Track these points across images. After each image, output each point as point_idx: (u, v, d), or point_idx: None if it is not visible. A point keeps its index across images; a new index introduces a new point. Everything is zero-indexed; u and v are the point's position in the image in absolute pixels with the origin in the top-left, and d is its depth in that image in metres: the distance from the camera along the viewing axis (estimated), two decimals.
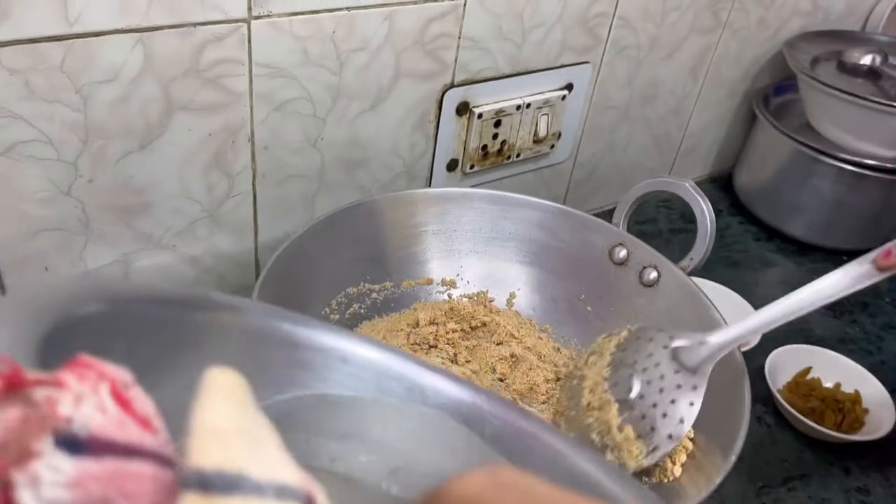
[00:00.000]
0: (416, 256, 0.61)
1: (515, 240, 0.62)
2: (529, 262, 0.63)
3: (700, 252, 0.56)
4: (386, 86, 0.64)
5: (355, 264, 0.59)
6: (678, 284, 0.56)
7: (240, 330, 0.26)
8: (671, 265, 0.56)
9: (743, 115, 1.01)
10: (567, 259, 0.61)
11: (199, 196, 0.60)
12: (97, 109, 0.52)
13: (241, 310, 0.26)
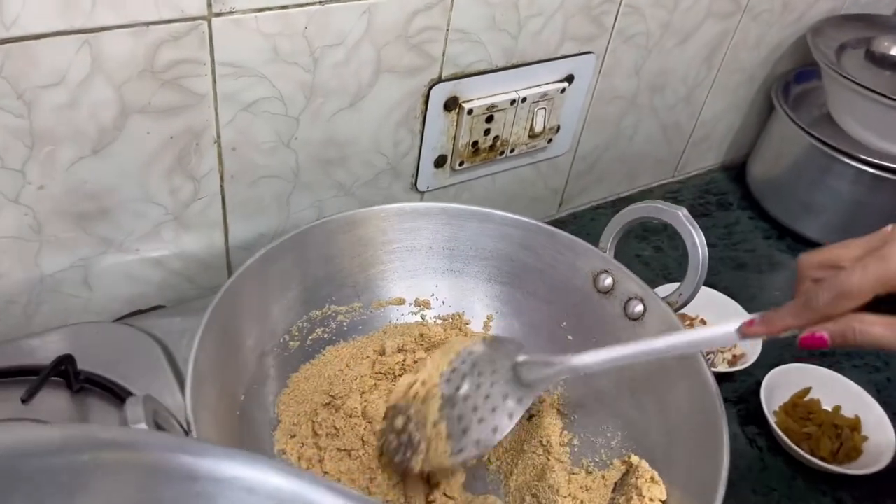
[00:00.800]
0: (388, 275, 0.58)
1: (496, 258, 0.58)
2: (509, 283, 0.59)
3: (690, 287, 0.52)
4: (366, 82, 0.60)
5: (321, 285, 0.55)
6: (665, 321, 0.52)
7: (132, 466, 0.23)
8: (658, 300, 0.52)
9: (760, 102, 0.95)
10: (550, 283, 0.57)
11: (161, 199, 0.57)
12: (43, 115, 0.48)
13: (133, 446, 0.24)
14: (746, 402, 0.69)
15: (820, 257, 0.45)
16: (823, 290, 0.42)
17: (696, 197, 0.94)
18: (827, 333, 0.43)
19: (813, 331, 0.43)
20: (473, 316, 0.60)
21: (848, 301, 0.42)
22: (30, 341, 0.55)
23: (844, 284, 0.41)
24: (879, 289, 0.41)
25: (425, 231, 0.57)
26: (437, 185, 0.71)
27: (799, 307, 0.44)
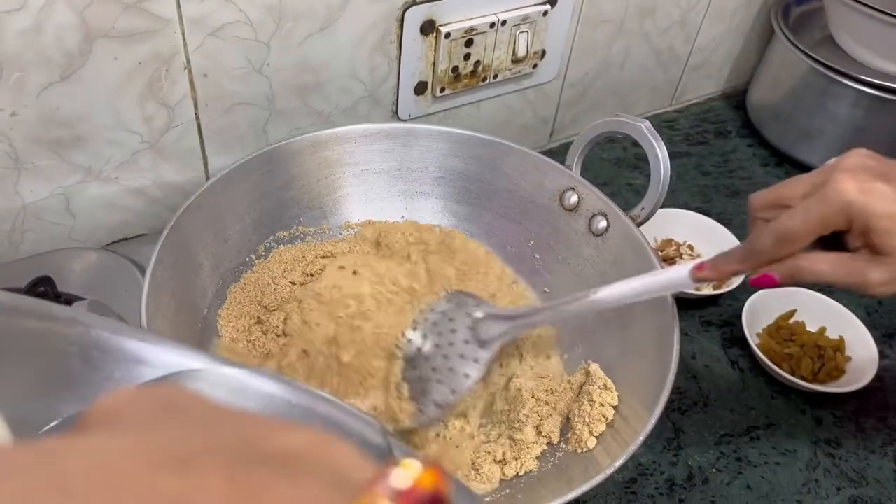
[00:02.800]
0: (356, 197, 0.58)
1: (464, 179, 0.58)
2: (478, 204, 0.59)
3: (652, 201, 0.52)
4: (336, 5, 0.59)
5: (287, 206, 0.56)
6: (626, 236, 0.52)
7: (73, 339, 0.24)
8: (621, 214, 0.52)
9: (761, 25, 0.92)
10: (517, 202, 0.57)
11: (136, 127, 0.57)
12: (8, 40, 0.49)
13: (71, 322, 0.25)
14: (732, 325, 0.69)
15: (768, 196, 0.45)
16: (766, 234, 0.43)
17: (694, 125, 0.93)
18: (776, 274, 0.43)
19: (763, 272, 0.43)
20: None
21: (790, 245, 0.42)
22: (14, 266, 0.57)
23: (785, 228, 0.41)
24: (820, 230, 0.41)
25: (393, 153, 0.57)
26: (420, 112, 0.71)
27: (745, 251, 0.44)
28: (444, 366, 0.49)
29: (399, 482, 0.14)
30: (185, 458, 0.15)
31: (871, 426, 0.62)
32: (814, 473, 0.59)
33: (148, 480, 0.14)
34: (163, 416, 0.17)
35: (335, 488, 0.14)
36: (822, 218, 0.40)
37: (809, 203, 0.41)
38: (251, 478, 0.14)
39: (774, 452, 0.60)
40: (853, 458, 0.60)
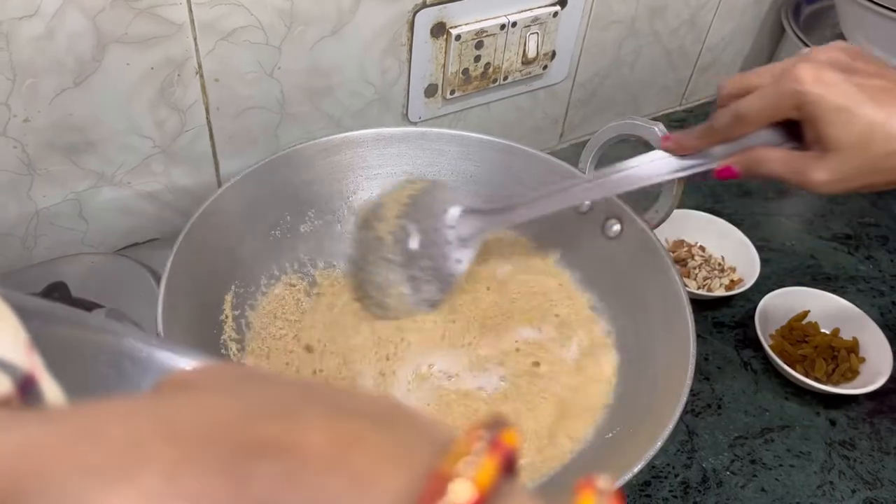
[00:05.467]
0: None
1: (476, 182, 0.58)
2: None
3: (667, 204, 0.51)
4: (347, 8, 0.59)
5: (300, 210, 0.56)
6: (641, 239, 0.51)
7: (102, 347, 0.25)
8: (635, 217, 0.52)
9: (770, 24, 0.92)
10: None
11: (148, 132, 0.57)
12: (21, 46, 0.49)
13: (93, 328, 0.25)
14: (744, 326, 0.69)
15: (737, 82, 0.46)
16: (724, 113, 0.45)
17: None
18: (735, 166, 0.45)
19: (724, 164, 0.45)
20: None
21: (744, 125, 0.44)
22: (29, 272, 0.57)
23: (741, 108, 0.43)
24: (773, 114, 0.42)
25: (405, 157, 0.57)
26: (430, 115, 0.71)
27: (705, 128, 0.46)
28: (431, 266, 0.51)
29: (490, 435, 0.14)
30: (283, 409, 0.15)
31: (885, 427, 0.62)
32: (828, 475, 0.58)
33: (251, 426, 0.15)
34: (244, 382, 0.17)
35: (429, 440, 0.15)
36: (774, 103, 0.41)
37: (768, 87, 0.42)
38: (351, 425, 0.15)
39: (789, 454, 0.60)
40: (868, 459, 0.60)
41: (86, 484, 0.13)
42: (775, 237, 0.78)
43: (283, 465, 0.14)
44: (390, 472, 0.14)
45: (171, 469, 0.14)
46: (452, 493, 0.13)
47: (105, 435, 0.14)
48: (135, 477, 0.14)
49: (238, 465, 0.14)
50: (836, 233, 0.80)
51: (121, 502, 0.13)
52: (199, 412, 0.15)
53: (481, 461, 0.14)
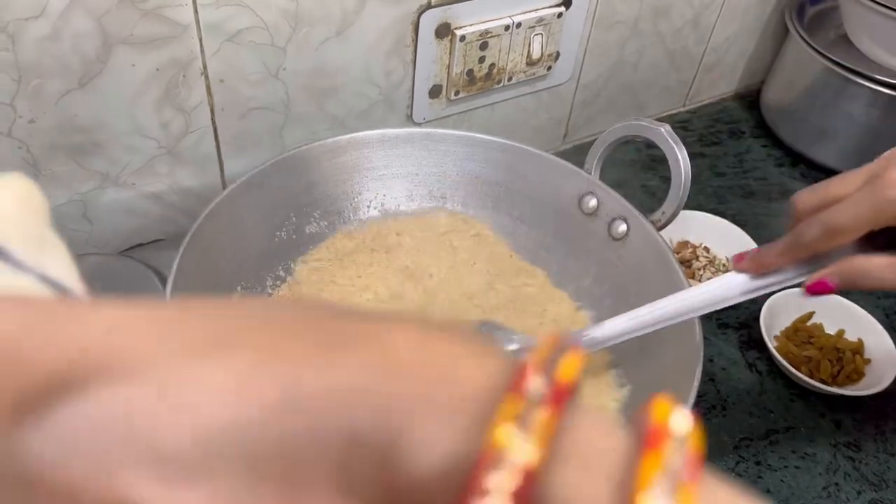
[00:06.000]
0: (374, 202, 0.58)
1: (482, 183, 0.58)
2: (496, 208, 0.59)
3: (673, 205, 0.51)
4: (351, 10, 0.59)
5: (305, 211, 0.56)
6: (647, 240, 0.51)
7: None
8: (642, 218, 0.52)
9: (774, 25, 0.92)
10: (536, 206, 0.57)
11: (153, 133, 0.57)
12: (27, 47, 0.49)
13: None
14: (749, 327, 0.69)
15: (816, 195, 0.42)
16: (812, 225, 0.40)
17: (707, 126, 0.92)
18: (831, 279, 0.41)
19: (817, 278, 0.41)
20: None
21: (838, 237, 0.39)
22: None
23: (833, 219, 0.39)
24: (872, 223, 0.39)
25: (410, 157, 0.57)
26: (434, 116, 0.71)
27: (789, 243, 0.42)
28: None
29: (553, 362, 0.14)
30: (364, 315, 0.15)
31: (891, 429, 0.62)
32: (834, 477, 0.58)
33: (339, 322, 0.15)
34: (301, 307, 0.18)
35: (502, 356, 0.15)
36: (873, 212, 0.38)
37: (862, 194, 0.38)
38: (437, 333, 0.15)
39: (794, 456, 0.60)
40: (873, 461, 0.60)
41: (178, 361, 0.14)
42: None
43: (373, 354, 0.14)
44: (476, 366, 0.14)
45: (262, 353, 0.14)
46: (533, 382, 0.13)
47: (195, 322, 0.15)
48: (227, 357, 0.14)
49: (328, 353, 0.14)
50: None
51: (213, 378, 0.13)
52: (284, 311, 0.15)
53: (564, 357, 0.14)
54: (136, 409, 0.13)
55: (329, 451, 0.13)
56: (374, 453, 0.13)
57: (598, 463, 0.13)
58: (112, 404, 0.13)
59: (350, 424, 0.13)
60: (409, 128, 0.68)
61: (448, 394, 0.14)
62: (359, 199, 0.58)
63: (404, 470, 0.13)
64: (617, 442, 0.14)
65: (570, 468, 0.13)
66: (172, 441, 0.13)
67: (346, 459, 0.13)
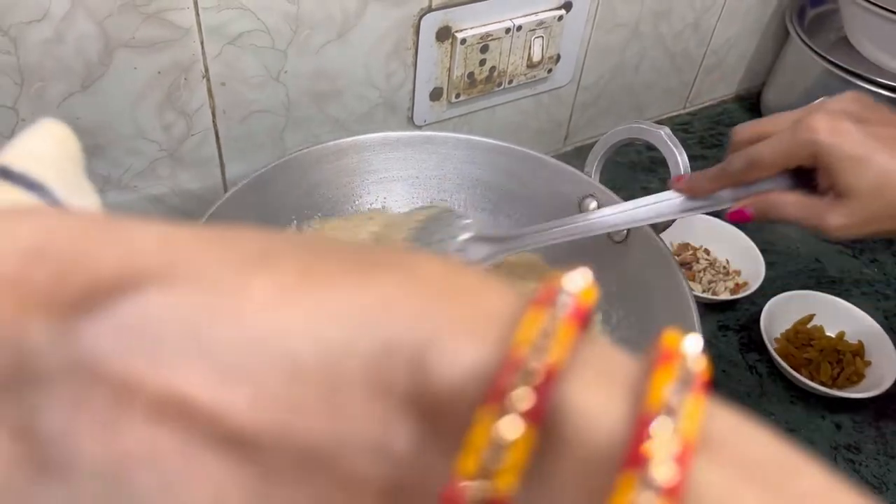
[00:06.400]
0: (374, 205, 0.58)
1: (482, 186, 0.58)
2: (496, 211, 0.59)
3: None
4: (352, 13, 0.59)
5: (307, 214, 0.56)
6: (647, 242, 0.51)
7: None
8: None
9: (775, 27, 0.92)
10: (536, 209, 0.57)
11: (155, 136, 0.58)
12: (30, 50, 0.49)
13: None
14: (749, 329, 0.69)
15: (751, 129, 0.47)
16: (738, 157, 0.45)
17: (707, 128, 0.92)
18: (748, 209, 0.46)
19: (737, 206, 0.46)
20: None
21: (758, 170, 0.44)
22: None
23: (755, 154, 0.44)
24: (787, 161, 0.44)
25: (411, 160, 0.57)
26: (434, 118, 0.71)
27: (718, 170, 0.47)
28: None
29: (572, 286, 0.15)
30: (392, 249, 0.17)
31: (891, 431, 0.62)
32: None
33: (371, 250, 0.16)
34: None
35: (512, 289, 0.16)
36: (789, 150, 0.43)
37: (783, 134, 0.43)
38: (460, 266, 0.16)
39: None
40: (873, 463, 0.60)
41: (228, 270, 0.15)
42: (780, 240, 0.78)
43: (404, 276, 0.15)
44: (499, 291, 0.15)
45: (303, 268, 0.15)
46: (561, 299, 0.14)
47: (241, 240, 0.15)
48: (271, 271, 0.15)
49: (364, 273, 0.15)
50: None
51: (261, 288, 0.14)
52: (322, 240, 0.17)
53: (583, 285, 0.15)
54: (191, 309, 0.14)
55: (365, 358, 0.14)
56: (406, 360, 0.14)
57: (614, 371, 0.14)
58: (169, 304, 0.14)
59: (384, 334, 0.14)
60: (410, 130, 0.68)
61: (475, 310, 0.14)
62: (360, 201, 0.58)
63: (433, 376, 0.14)
64: (631, 358, 0.15)
65: (588, 373, 0.14)
66: (224, 343, 0.14)
67: (380, 365, 0.14)
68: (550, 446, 0.13)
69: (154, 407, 0.14)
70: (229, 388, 0.14)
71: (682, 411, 0.13)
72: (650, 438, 0.13)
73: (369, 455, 0.14)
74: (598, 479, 0.13)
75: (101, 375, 0.14)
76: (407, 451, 0.14)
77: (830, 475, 0.14)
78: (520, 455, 0.13)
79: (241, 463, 0.14)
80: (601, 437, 0.13)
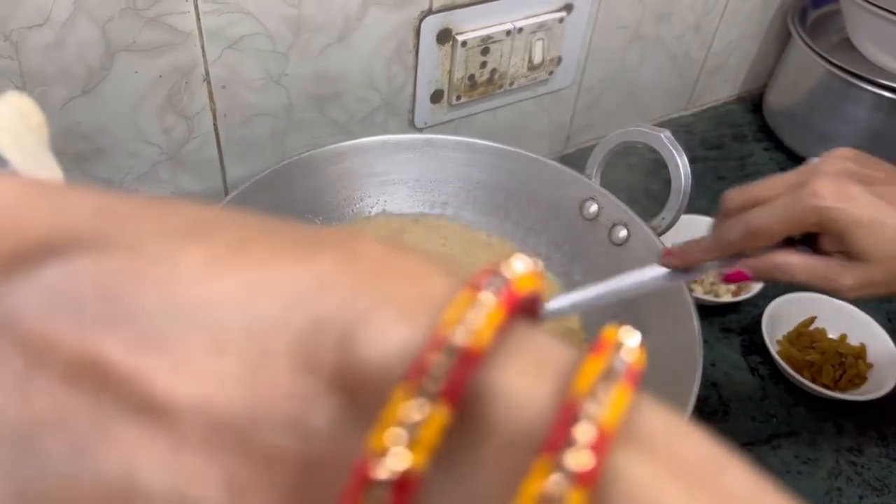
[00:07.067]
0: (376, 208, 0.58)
1: (483, 189, 0.58)
2: (497, 214, 0.59)
3: (673, 211, 0.52)
4: (353, 16, 0.59)
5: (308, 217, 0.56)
6: (648, 246, 0.51)
7: None
8: (642, 224, 0.52)
9: (777, 29, 0.92)
10: (537, 212, 0.57)
11: (156, 139, 0.58)
12: (31, 55, 0.49)
13: None
14: (751, 332, 0.69)
15: (744, 195, 0.44)
16: (733, 227, 0.43)
17: (710, 130, 0.92)
18: (748, 271, 0.43)
19: (735, 268, 0.43)
20: None
21: (756, 239, 0.42)
22: None
23: (752, 223, 0.41)
24: (791, 228, 0.41)
25: (412, 164, 0.57)
26: (435, 121, 0.71)
27: (713, 241, 0.44)
28: None
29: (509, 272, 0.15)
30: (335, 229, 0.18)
31: (893, 434, 0.62)
32: (836, 482, 0.58)
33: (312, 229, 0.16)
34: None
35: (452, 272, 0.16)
36: (793, 218, 0.40)
37: (784, 201, 0.41)
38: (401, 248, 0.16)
39: (796, 461, 0.60)
40: (875, 465, 0.60)
41: (159, 240, 0.15)
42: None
43: (342, 254, 0.15)
44: (438, 274, 0.15)
45: (239, 242, 0.15)
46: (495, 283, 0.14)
47: (177, 211, 0.15)
48: (205, 242, 0.15)
49: (301, 249, 0.15)
50: None
51: (190, 259, 0.14)
52: (263, 218, 0.16)
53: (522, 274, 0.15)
54: (117, 276, 0.14)
55: (293, 334, 0.14)
56: (334, 337, 0.14)
57: (547, 359, 0.14)
58: (96, 269, 0.14)
59: (315, 311, 0.14)
60: (411, 133, 0.68)
61: (410, 291, 0.14)
62: (361, 204, 0.58)
63: (359, 353, 0.14)
64: (569, 350, 0.15)
65: (520, 360, 0.14)
66: (149, 310, 0.14)
67: (308, 341, 0.14)
68: (472, 429, 0.13)
69: (70, 369, 0.14)
70: (150, 355, 0.14)
71: (606, 400, 0.13)
72: (570, 424, 0.13)
73: (285, 431, 0.14)
74: (517, 464, 0.13)
75: (19, 335, 0.14)
76: (326, 428, 0.14)
77: (758, 476, 0.14)
78: (431, 434, 0.13)
79: (154, 431, 0.14)
80: (524, 422, 0.13)
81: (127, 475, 0.13)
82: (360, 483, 0.12)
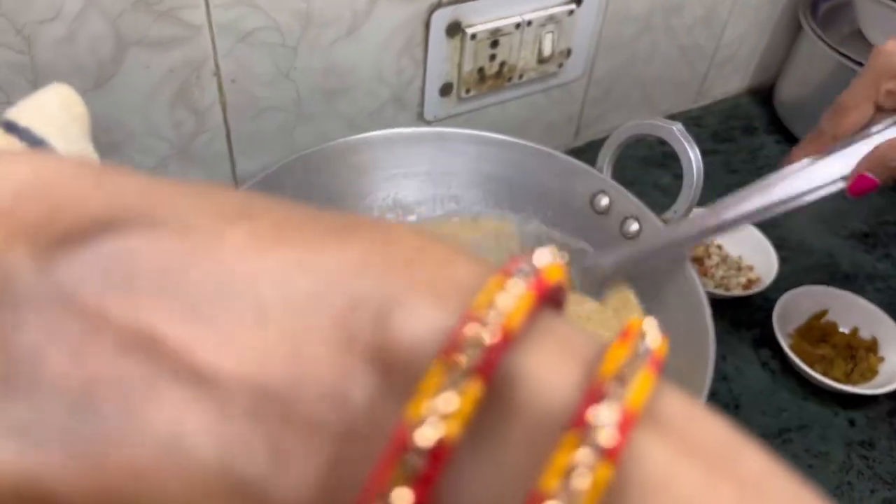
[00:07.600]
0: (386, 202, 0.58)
1: (494, 182, 0.58)
2: (508, 207, 0.59)
3: (684, 204, 0.51)
4: (362, 10, 0.59)
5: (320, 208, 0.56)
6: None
7: None
8: (653, 217, 0.52)
9: (787, 20, 0.91)
10: (548, 205, 0.57)
11: (166, 133, 0.58)
12: (43, 50, 0.49)
13: None
14: (762, 325, 0.68)
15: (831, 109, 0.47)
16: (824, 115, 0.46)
17: (720, 122, 0.92)
18: (866, 171, 0.43)
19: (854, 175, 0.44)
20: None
21: (845, 112, 0.44)
22: None
23: (839, 100, 0.44)
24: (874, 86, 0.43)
25: (422, 157, 0.57)
26: (445, 114, 0.71)
27: (810, 137, 0.47)
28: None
29: (537, 262, 0.15)
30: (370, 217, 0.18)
31: None
32: (847, 476, 0.58)
33: (345, 216, 0.17)
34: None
35: (481, 260, 0.16)
36: (871, 79, 0.42)
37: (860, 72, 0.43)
38: (435, 238, 0.16)
39: (807, 455, 0.59)
40: (887, 459, 0.59)
41: (207, 220, 0.15)
42: (793, 235, 0.77)
43: (378, 240, 0.16)
44: (470, 263, 0.16)
45: (280, 224, 0.16)
46: (524, 270, 0.15)
47: (222, 195, 0.16)
48: (248, 222, 0.15)
49: (339, 233, 0.16)
50: (853, 231, 0.79)
51: (234, 236, 0.15)
52: (301, 204, 0.17)
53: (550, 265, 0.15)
54: (167, 252, 0.15)
55: (332, 311, 0.15)
56: (371, 316, 0.14)
57: (574, 345, 0.15)
58: (147, 245, 0.15)
59: (353, 291, 0.15)
60: (420, 126, 0.68)
61: (442, 277, 0.15)
62: (371, 198, 0.58)
63: (395, 332, 0.14)
64: (588, 336, 0.15)
65: (547, 344, 0.15)
66: (196, 284, 0.15)
67: (346, 318, 0.15)
68: (501, 408, 0.14)
69: (123, 339, 0.14)
70: (197, 327, 0.14)
71: (631, 383, 0.14)
72: (597, 404, 0.13)
73: (326, 403, 0.14)
74: (545, 440, 0.14)
75: (77, 305, 0.15)
76: (363, 402, 0.14)
77: (774, 460, 0.15)
78: (466, 406, 0.13)
79: (201, 398, 0.14)
80: (552, 403, 0.14)
81: (175, 435, 0.14)
82: (398, 449, 0.13)
